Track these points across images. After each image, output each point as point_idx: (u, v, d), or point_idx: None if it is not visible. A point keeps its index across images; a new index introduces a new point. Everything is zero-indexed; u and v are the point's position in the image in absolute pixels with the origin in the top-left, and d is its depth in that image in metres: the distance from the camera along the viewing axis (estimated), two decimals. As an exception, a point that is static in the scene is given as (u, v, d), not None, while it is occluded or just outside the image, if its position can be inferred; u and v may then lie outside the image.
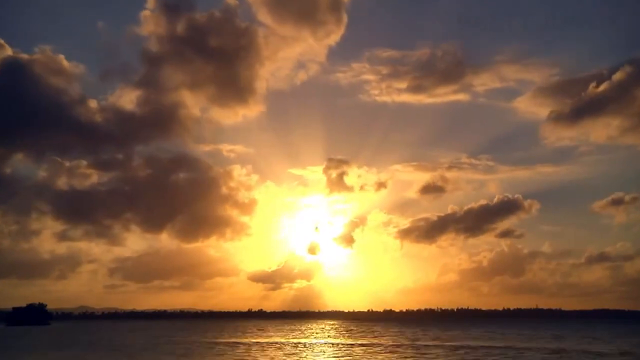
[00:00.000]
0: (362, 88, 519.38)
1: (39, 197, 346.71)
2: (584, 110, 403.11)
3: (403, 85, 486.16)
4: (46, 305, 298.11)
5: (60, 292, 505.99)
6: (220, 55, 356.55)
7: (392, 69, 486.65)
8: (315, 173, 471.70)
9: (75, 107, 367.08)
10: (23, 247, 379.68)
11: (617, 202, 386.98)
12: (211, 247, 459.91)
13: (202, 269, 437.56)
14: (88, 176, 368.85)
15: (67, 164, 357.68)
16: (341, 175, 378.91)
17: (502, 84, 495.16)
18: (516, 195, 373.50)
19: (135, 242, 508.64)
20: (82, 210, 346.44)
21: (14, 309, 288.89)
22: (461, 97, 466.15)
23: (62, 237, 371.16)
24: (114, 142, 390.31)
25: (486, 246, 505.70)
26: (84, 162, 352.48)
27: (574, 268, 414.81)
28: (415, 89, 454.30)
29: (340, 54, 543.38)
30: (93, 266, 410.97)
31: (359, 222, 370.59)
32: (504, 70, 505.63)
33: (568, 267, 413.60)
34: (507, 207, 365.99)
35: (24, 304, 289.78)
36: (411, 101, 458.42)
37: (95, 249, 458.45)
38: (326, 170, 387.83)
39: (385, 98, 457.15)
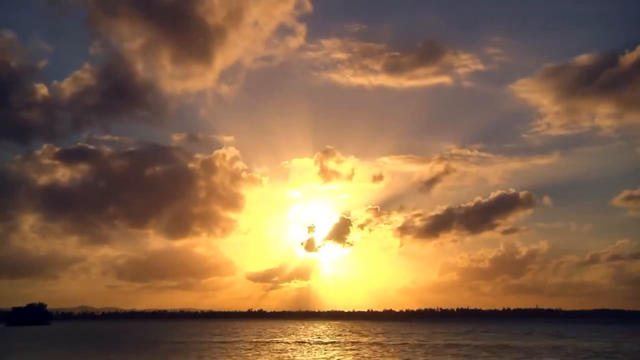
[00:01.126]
0: (336, 67, 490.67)
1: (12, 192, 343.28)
2: (585, 97, 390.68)
3: (378, 65, 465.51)
4: (46, 305, 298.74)
5: (61, 292, 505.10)
6: (173, 20, 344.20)
7: (365, 46, 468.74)
8: (305, 165, 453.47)
9: (16, 86, 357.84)
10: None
11: (621, 199, 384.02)
12: (201, 245, 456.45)
13: (196, 268, 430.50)
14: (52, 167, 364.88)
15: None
16: (334, 169, 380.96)
17: (485, 66, 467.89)
18: (511, 190, 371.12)
19: (129, 241, 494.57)
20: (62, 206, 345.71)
21: (14, 309, 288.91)
22: (444, 80, 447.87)
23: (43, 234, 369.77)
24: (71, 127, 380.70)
25: (485, 244, 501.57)
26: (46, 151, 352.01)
27: (575, 267, 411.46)
28: (391, 69, 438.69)
29: (309, 28, 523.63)
30: (85, 265, 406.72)
31: (355, 218, 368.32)
32: (487, 51, 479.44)
33: (569, 266, 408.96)
34: (503, 204, 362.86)
35: (24, 304, 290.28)
36: (391, 84, 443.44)
37: (84, 248, 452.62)
38: (318, 162, 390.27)
39: (361, 80, 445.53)
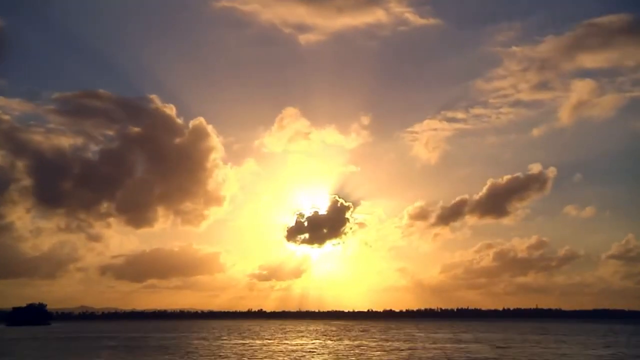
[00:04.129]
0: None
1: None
2: (556, 54, 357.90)
3: None
4: (46, 305, 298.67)
5: (61, 292, 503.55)
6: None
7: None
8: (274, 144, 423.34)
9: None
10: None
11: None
12: (179, 239, 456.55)
13: (179, 265, 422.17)
14: None
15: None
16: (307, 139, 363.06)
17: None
18: (499, 175, 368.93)
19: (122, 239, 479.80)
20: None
21: (14, 309, 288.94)
22: (379, 16, 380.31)
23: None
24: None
25: (482, 239, 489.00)
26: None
27: (575, 265, 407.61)
28: None
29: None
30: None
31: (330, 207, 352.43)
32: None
33: (568, 263, 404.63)
34: (495, 195, 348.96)
35: (24, 304, 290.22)
36: (318, 22, 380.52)
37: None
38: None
39: (277, 12, 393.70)
